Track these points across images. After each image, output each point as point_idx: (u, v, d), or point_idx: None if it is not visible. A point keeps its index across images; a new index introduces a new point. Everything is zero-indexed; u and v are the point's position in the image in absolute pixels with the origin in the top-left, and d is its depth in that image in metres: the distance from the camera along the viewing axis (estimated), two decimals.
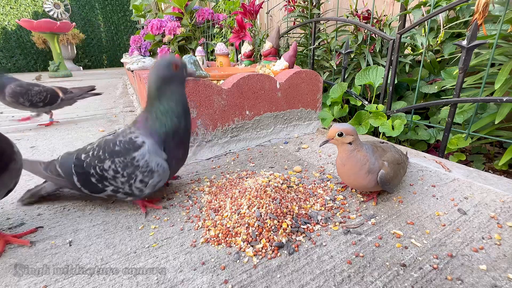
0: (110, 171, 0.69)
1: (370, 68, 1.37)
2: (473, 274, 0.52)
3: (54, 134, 1.51)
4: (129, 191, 0.71)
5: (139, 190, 0.71)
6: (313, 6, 1.67)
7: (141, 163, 0.68)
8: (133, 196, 0.73)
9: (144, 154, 0.68)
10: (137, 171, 0.69)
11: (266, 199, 0.69)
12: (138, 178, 0.69)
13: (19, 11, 6.72)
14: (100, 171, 0.70)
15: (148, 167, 0.69)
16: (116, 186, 0.70)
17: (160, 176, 0.71)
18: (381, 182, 0.71)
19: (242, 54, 1.73)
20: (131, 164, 0.69)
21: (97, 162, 0.70)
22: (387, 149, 0.78)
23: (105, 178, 0.70)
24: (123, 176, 0.69)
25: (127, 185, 0.70)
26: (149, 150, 0.69)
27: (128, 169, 0.69)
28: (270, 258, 0.58)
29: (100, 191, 0.73)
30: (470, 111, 1.08)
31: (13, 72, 6.81)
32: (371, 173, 0.71)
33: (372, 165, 0.71)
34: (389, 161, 0.73)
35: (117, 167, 0.69)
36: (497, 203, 0.74)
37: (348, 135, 0.70)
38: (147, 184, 0.70)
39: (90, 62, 7.96)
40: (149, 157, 0.69)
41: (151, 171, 0.69)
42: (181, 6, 2.70)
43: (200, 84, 1.03)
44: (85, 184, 0.72)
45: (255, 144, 1.25)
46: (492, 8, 1.09)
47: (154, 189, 0.74)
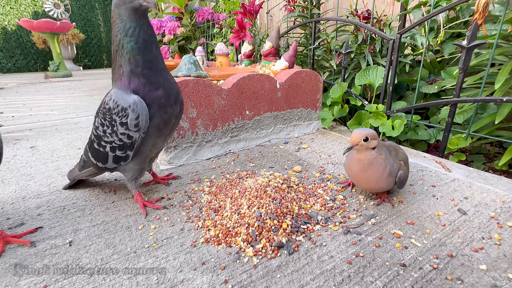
0: (99, 127, 0.70)
1: (370, 68, 1.37)
2: (473, 274, 0.52)
3: (54, 134, 1.51)
4: (121, 143, 0.68)
5: (127, 137, 0.67)
6: (313, 6, 1.67)
7: (111, 104, 0.66)
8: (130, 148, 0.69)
9: (111, 95, 0.66)
10: (112, 115, 0.66)
11: (266, 199, 0.69)
12: (117, 121, 0.66)
13: (19, 11, 6.72)
14: (95, 132, 0.72)
15: (119, 106, 0.65)
16: (109, 142, 0.69)
17: (135, 112, 0.64)
18: (400, 183, 0.71)
19: (242, 54, 1.73)
20: (105, 110, 0.67)
21: (93, 125, 0.73)
22: (398, 148, 0.77)
23: (100, 137, 0.71)
24: (107, 126, 0.68)
25: (114, 135, 0.68)
26: (115, 92, 0.66)
27: (106, 116, 0.68)
28: (270, 258, 0.58)
29: (105, 157, 0.72)
30: (470, 111, 1.08)
31: (13, 72, 6.81)
32: (391, 176, 0.70)
33: (391, 167, 0.69)
34: (404, 161, 0.73)
35: (101, 119, 0.69)
36: (497, 203, 0.74)
37: (373, 139, 0.68)
38: (128, 126, 0.65)
39: (90, 62, 7.95)
40: (116, 96, 0.65)
41: (123, 108, 0.64)
42: (181, 6, 2.70)
43: (200, 84, 1.03)
44: (95, 155, 0.75)
45: (255, 144, 1.25)
46: (492, 8, 1.09)
47: (142, 130, 0.66)
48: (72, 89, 3.40)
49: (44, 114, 2.01)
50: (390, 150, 0.73)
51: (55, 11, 6.03)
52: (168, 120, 0.71)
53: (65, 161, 1.13)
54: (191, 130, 1.06)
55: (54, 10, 6.02)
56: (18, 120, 1.85)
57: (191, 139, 1.07)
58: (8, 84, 4.07)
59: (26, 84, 3.96)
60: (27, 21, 4.60)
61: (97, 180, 0.95)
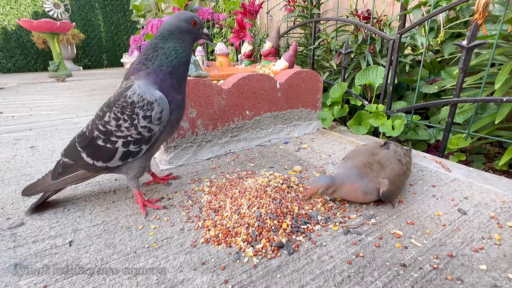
0: (112, 121, 0.67)
1: (370, 68, 1.37)
2: (473, 274, 0.52)
3: (54, 134, 1.51)
4: (138, 136, 0.68)
5: (148, 130, 0.68)
6: (313, 6, 1.67)
7: (135, 98, 0.66)
8: (146, 142, 0.69)
9: (135, 90, 0.66)
10: (135, 108, 0.66)
11: (266, 199, 0.69)
12: (140, 115, 0.66)
13: (19, 11, 6.72)
14: (103, 127, 0.68)
15: (145, 100, 0.66)
16: (124, 136, 0.68)
17: (160, 106, 0.67)
18: (385, 199, 0.72)
19: (242, 54, 1.73)
20: (126, 103, 0.66)
21: (98, 121, 0.69)
22: (386, 163, 0.75)
23: (110, 132, 0.68)
24: (125, 120, 0.67)
25: (133, 129, 0.67)
26: (139, 86, 0.67)
27: (126, 110, 0.66)
28: (270, 258, 0.58)
29: (112, 154, 0.70)
30: (470, 111, 1.08)
31: (13, 72, 6.81)
32: (369, 194, 0.72)
33: (364, 187, 0.71)
34: (389, 178, 0.72)
35: (117, 113, 0.67)
36: (497, 203, 0.74)
37: (329, 188, 0.71)
38: (151, 118, 0.67)
39: (90, 62, 7.95)
40: (141, 91, 0.66)
41: (148, 102, 0.66)
42: (181, 6, 2.70)
43: (200, 84, 1.03)
44: (95, 154, 0.70)
45: (255, 144, 1.25)
46: (492, 8, 1.09)
47: (162, 124, 0.69)
48: (72, 89, 3.40)
49: (44, 114, 2.01)
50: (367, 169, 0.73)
51: (55, 11, 6.04)
52: (179, 120, 0.76)
53: None
54: (191, 130, 1.06)
55: (54, 10, 6.02)
56: (18, 120, 1.85)
57: (191, 139, 1.07)
58: (8, 84, 4.07)
59: (26, 84, 3.96)
60: (27, 21, 4.60)
61: (97, 180, 0.95)
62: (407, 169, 0.79)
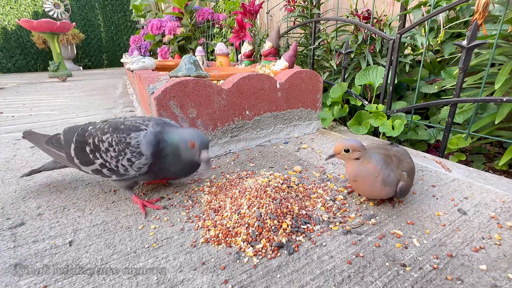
0: (105, 143, 0.74)
1: (370, 68, 1.36)
2: (473, 274, 0.52)
3: None
4: (114, 168, 0.74)
5: (124, 169, 0.74)
6: (313, 6, 1.67)
7: (133, 142, 0.73)
8: (116, 174, 0.75)
9: (139, 136, 0.74)
10: (127, 149, 0.73)
11: (266, 199, 0.69)
12: (127, 155, 0.73)
13: (19, 11, 6.72)
14: (97, 142, 0.75)
15: (138, 148, 0.73)
16: (105, 160, 0.74)
17: (147, 160, 0.74)
18: (400, 193, 0.69)
19: (242, 54, 1.73)
20: (124, 140, 0.73)
21: (99, 134, 0.75)
22: (403, 157, 0.75)
23: (99, 149, 0.74)
24: (114, 150, 0.73)
25: (115, 161, 0.73)
26: (145, 136, 0.74)
27: (120, 144, 0.73)
28: (270, 258, 0.58)
29: (89, 163, 0.76)
30: (470, 111, 1.08)
31: (13, 72, 6.81)
32: (388, 186, 0.68)
33: (386, 177, 0.67)
34: (407, 171, 0.71)
35: (112, 141, 0.74)
36: (497, 203, 0.74)
37: (355, 151, 0.67)
38: (132, 164, 0.73)
39: (90, 62, 7.96)
40: (142, 141, 0.73)
41: (140, 152, 0.73)
42: (181, 6, 2.71)
43: (200, 84, 1.03)
44: (78, 153, 0.77)
45: (255, 144, 1.25)
46: (492, 8, 1.09)
47: (137, 172, 0.75)
48: (72, 89, 3.40)
49: (44, 114, 2.01)
50: (389, 159, 0.71)
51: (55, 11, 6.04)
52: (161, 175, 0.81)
53: None
54: None
55: (54, 10, 6.02)
56: (18, 120, 1.85)
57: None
58: (8, 84, 4.07)
59: (26, 84, 3.96)
60: (27, 21, 4.60)
61: (97, 180, 0.95)
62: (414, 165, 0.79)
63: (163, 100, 0.98)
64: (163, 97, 0.98)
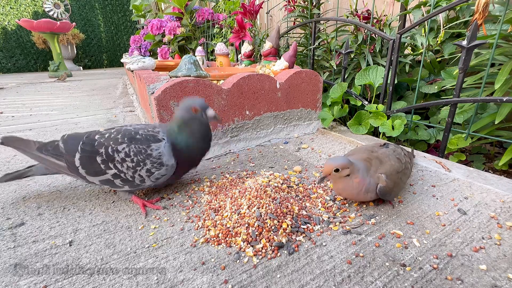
0: (121, 153, 0.72)
1: (370, 68, 1.37)
2: (473, 274, 0.52)
3: (54, 134, 1.51)
4: (130, 178, 0.73)
5: (140, 179, 0.74)
6: (313, 6, 1.67)
7: (154, 153, 0.74)
8: (130, 184, 0.75)
9: (160, 147, 0.75)
10: (147, 160, 0.73)
11: (266, 199, 0.69)
12: (146, 166, 0.73)
13: (19, 11, 6.72)
14: (111, 152, 0.73)
15: (160, 159, 0.74)
16: (119, 170, 0.73)
17: (167, 171, 0.75)
18: (381, 195, 0.70)
19: (242, 54, 1.73)
20: (145, 151, 0.73)
21: (112, 143, 0.73)
22: (385, 159, 0.75)
23: (113, 159, 0.72)
24: (132, 161, 0.73)
25: (131, 171, 0.73)
26: (165, 146, 0.75)
27: (140, 155, 0.73)
28: (270, 258, 0.58)
29: (99, 174, 0.74)
30: (470, 111, 1.08)
31: (13, 72, 6.81)
32: (369, 192, 0.70)
33: (368, 185, 0.70)
34: (387, 173, 0.71)
35: (130, 151, 0.73)
36: (497, 203, 0.74)
37: (345, 169, 0.68)
38: (151, 175, 0.74)
39: (90, 62, 7.96)
40: (163, 151, 0.75)
41: (161, 163, 0.74)
42: (181, 6, 2.71)
43: (200, 84, 1.03)
44: (86, 163, 0.74)
45: (255, 144, 1.25)
46: (492, 8, 1.09)
47: (155, 183, 0.77)
48: (72, 89, 3.40)
49: (44, 114, 2.01)
50: (368, 164, 0.72)
51: (55, 11, 6.04)
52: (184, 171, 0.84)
53: None
54: None
55: (54, 10, 6.02)
56: (18, 120, 1.85)
57: None
58: (8, 84, 4.07)
59: (26, 84, 3.96)
60: (27, 21, 4.60)
61: None
62: (406, 168, 0.78)
63: (163, 100, 0.98)
64: (163, 97, 0.98)
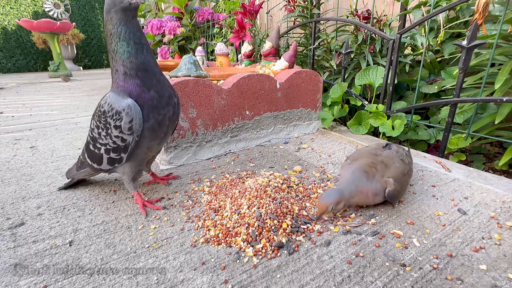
0: (95, 129, 0.72)
1: (370, 68, 1.37)
2: (473, 274, 0.52)
3: (54, 134, 1.51)
4: (114, 145, 0.69)
5: (121, 140, 0.68)
6: (313, 6, 1.67)
7: (105, 108, 0.68)
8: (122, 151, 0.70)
9: (105, 100, 0.69)
10: (107, 118, 0.67)
11: (266, 199, 0.69)
12: (111, 124, 0.67)
13: (19, 11, 6.72)
14: (91, 134, 0.74)
15: (113, 109, 0.66)
16: (104, 144, 0.71)
17: (129, 115, 0.65)
18: (390, 199, 0.71)
19: (242, 54, 1.73)
20: (100, 113, 0.69)
21: (90, 126, 0.75)
22: (391, 162, 0.75)
23: (95, 139, 0.72)
24: (101, 128, 0.70)
25: (109, 138, 0.69)
26: (109, 96, 0.68)
27: (101, 119, 0.69)
28: (270, 258, 0.58)
29: (100, 159, 0.74)
30: (470, 111, 1.08)
31: (13, 72, 6.81)
32: (378, 195, 0.71)
33: (374, 190, 0.70)
34: (394, 177, 0.71)
35: (96, 121, 0.71)
36: (497, 203, 0.74)
37: (339, 203, 0.67)
38: (121, 129, 0.66)
39: (90, 62, 7.95)
40: (111, 100, 0.67)
41: (117, 112, 0.66)
42: (181, 6, 2.71)
43: (200, 84, 1.03)
44: (90, 156, 0.76)
45: (255, 144, 1.25)
46: (492, 8, 1.09)
47: (136, 133, 0.67)
48: (72, 89, 3.40)
49: (44, 114, 2.01)
50: (373, 170, 0.72)
51: (55, 11, 6.03)
52: (162, 122, 0.71)
53: (65, 161, 1.13)
54: (191, 130, 1.06)
55: (54, 10, 6.02)
56: (18, 120, 1.85)
57: (191, 139, 1.07)
58: (8, 84, 4.07)
59: (26, 84, 3.96)
60: (27, 21, 4.60)
61: (97, 180, 0.95)
62: (410, 169, 0.79)
63: None
64: None
